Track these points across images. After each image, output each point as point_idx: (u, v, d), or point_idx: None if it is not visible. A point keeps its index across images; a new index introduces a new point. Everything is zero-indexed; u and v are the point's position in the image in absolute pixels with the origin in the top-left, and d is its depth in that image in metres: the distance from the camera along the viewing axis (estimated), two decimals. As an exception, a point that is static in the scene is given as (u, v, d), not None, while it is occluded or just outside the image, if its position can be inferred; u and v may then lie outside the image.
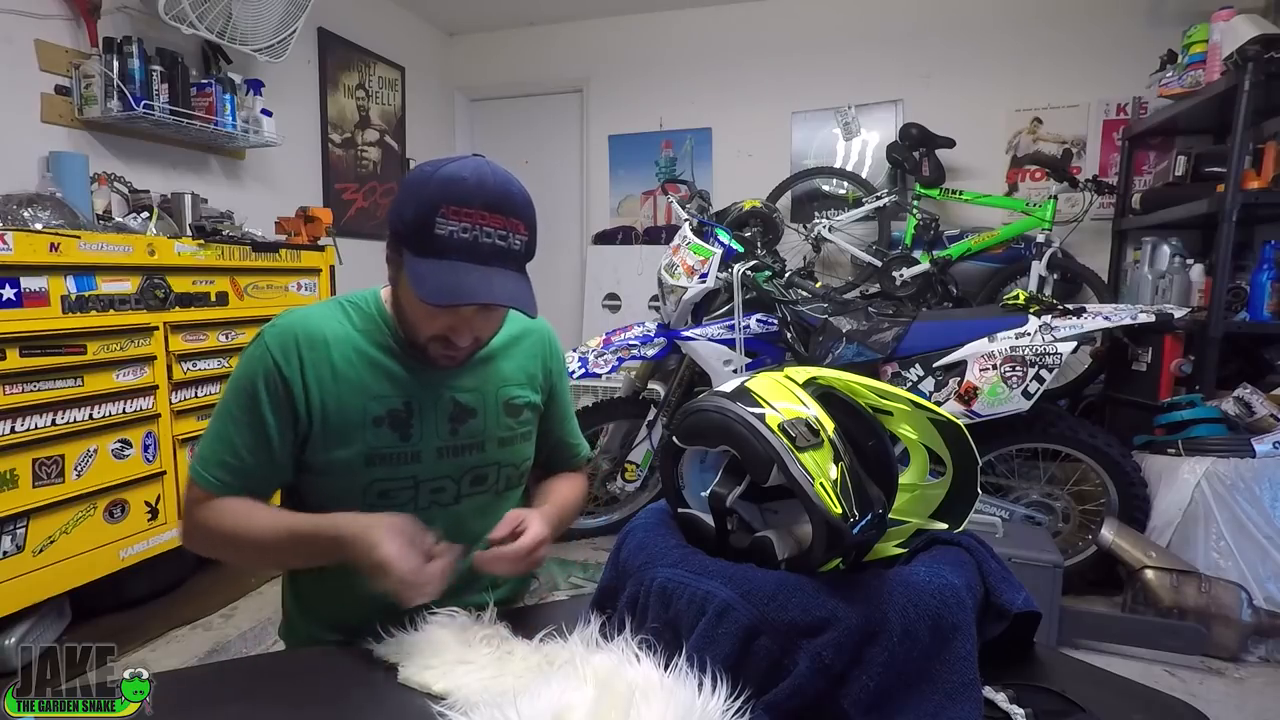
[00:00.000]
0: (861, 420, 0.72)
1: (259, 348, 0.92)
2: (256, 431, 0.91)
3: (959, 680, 0.64)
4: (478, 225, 0.82)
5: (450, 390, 0.97)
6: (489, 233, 0.82)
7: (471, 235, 0.81)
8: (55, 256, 1.76)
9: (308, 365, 0.91)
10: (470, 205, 0.81)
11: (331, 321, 0.95)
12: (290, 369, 0.90)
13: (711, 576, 0.68)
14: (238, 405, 0.91)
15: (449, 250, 0.81)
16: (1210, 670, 1.95)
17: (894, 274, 3.26)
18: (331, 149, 3.54)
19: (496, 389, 1.01)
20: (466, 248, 0.82)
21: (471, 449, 0.98)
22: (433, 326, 0.90)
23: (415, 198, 0.83)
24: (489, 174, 0.83)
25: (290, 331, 0.92)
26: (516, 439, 1.03)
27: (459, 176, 0.82)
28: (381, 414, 0.93)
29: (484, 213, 0.82)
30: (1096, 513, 2.36)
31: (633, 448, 2.74)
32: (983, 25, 3.52)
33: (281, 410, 0.91)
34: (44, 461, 1.78)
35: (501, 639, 0.78)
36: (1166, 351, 2.45)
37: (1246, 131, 2.32)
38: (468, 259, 0.82)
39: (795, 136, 3.85)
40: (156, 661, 1.91)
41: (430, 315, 0.88)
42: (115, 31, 2.39)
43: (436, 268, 0.82)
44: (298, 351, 0.91)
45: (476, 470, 0.99)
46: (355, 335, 0.95)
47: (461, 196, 0.81)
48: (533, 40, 4.23)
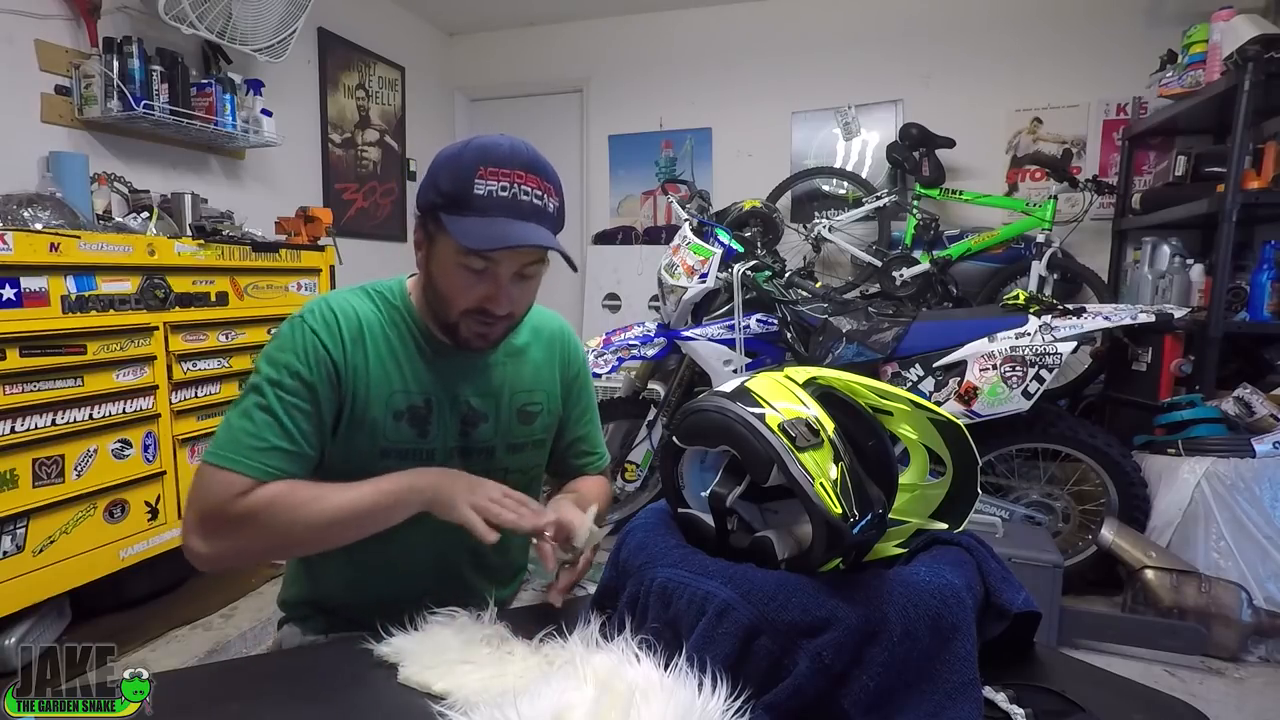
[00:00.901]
0: (861, 420, 0.72)
1: (300, 329, 0.89)
2: (308, 411, 0.87)
3: (959, 680, 0.64)
4: (516, 183, 0.83)
5: (465, 393, 0.96)
6: (527, 191, 0.83)
7: (511, 193, 0.82)
8: (55, 256, 1.76)
9: (348, 346, 0.90)
10: (508, 165, 0.82)
11: (365, 307, 0.94)
12: (334, 345, 0.89)
13: (711, 576, 0.68)
14: (286, 388, 0.86)
15: (490, 208, 0.82)
16: (1210, 670, 1.95)
17: (894, 274, 3.26)
18: (331, 149, 3.54)
19: (511, 394, 1.00)
20: (507, 205, 0.82)
21: (481, 453, 0.98)
22: (470, 297, 0.87)
23: (450, 167, 0.83)
24: (521, 143, 0.85)
25: (330, 312, 0.91)
26: (528, 446, 1.03)
27: (494, 143, 0.84)
28: (403, 408, 0.92)
29: (521, 172, 0.83)
30: (1096, 513, 2.36)
31: (633, 448, 2.74)
32: (983, 25, 3.52)
33: (329, 385, 0.88)
34: (44, 461, 1.78)
35: (501, 639, 0.78)
36: (1166, 351, 2.45)
37: (1246, 131, 2.32)
38: (509, 214, 0.83)
39: (795, 136, 3.85)
40: (156, 661, 1.92)
41: (467, 284, 0.87)
42: (115, 31, 2.39)
43: (479, 222, 0.82)
44: (340, 332, 0.90)
45: (484, 474, 0.97)
46: (385, 325, 0.94)
47: (498, 159, 0.82)
48: (533, 40, 4.23)
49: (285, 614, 1.05)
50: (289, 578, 1.06)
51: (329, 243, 2.70)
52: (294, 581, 1.05)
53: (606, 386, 3.39)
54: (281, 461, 0.85)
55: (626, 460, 2.74)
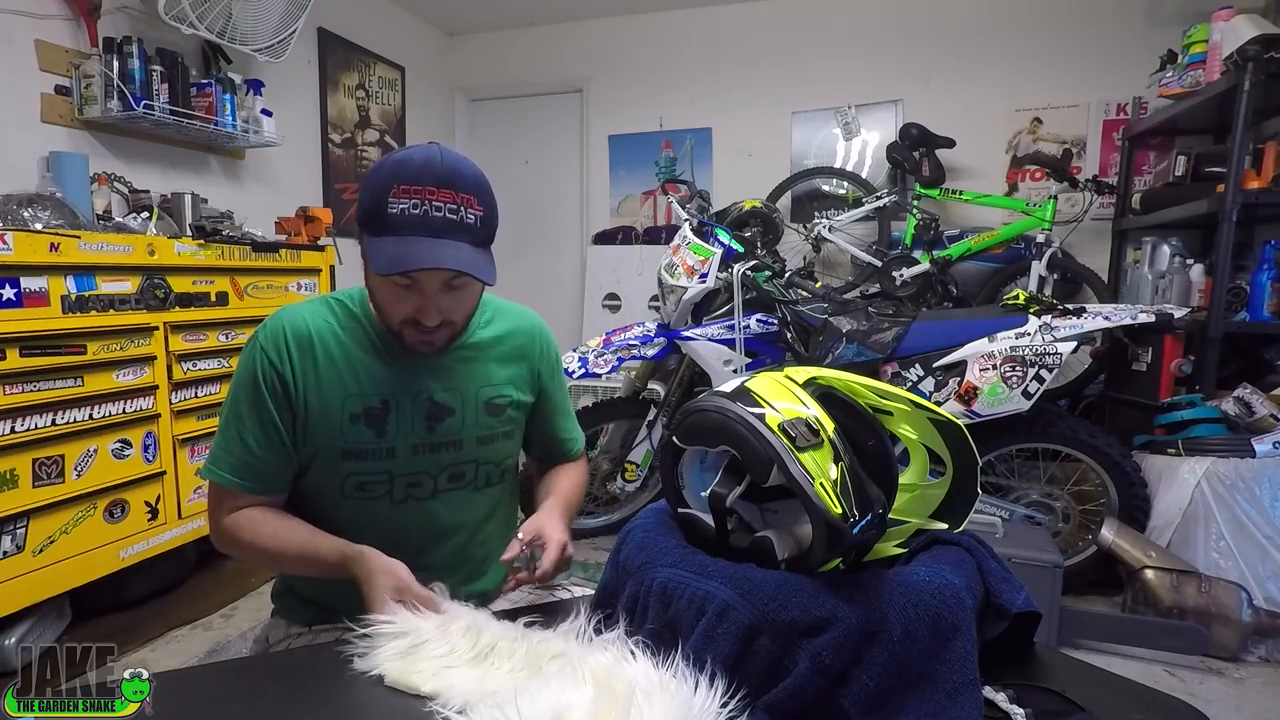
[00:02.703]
0: (861, 420, 0.72)
1: (253, 346, 0.97)
2: (264, 425, 0.94)
3: (959, 680, 0.64)
4: (426, 200, 0.84)
5: (429, 389, 0.99)
6: (439, 207, 0.85)
7: (421, 211, 0.84)
8: (55, 256, 1.76)
9: (295, 360, 0.95)
10: (419, 183, 0.84)
11: (318, 319, 0.98)
12: (281, 363, 0.94)
13: (711, 576, 0.68)
14: (244, 403, 0.95)
15: (402, 227, 0.84)
16: (1210, 670, 1.95)
17: (894, 274, 3.26)
18: (331, 149, 3.54)
19: (477, 388, 1.02)
20: (418, 223, 0.84)
21: (448, 446, 1.00)
22: (401, 309, 0.91)
23: (370, 184, 0.87)
24: (437, 155, 0.86)
25: (279, 328, 0.96)
26: (497, 437, 1.05)
27: (408, 159, 0.86)
28: (359, 411, 0.96)
29: (432, 188, 0.84)
30: (1096, 513, 2.36)
31: (633, 448, 2.74)
32: (983, 25, 3.52)
33: (280, 402, 0.95)
34: (44, 461, 1.78)
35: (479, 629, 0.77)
36: (1166, 351, 2.45)
37: (1246, 131, 2.31)
38: (419, 233, 0.85)
39: (795, 136, 3.85)
40: (156, 661, 1.92)
41: (397, 298, 0.90)
42: (115, 31, 2.39)
43: (390, 243, 0.85)
44: (287, 347, 0.95)
45: (454, 467, 1.01)
46: (339, 332, 0.98)
47: (410, 176, 0.84)
48: (533, 40, 4.23)
49: (274, 605, 1.08)
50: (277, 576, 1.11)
51: (329, 243, 2.70)
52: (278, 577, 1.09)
53: (606, 386, 3.39)
54: (245, 472, 0.95)
55: (626, 460, 2.74)
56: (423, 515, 1.00)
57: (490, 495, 1.07)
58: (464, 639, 0.76)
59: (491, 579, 1.09)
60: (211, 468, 0.95)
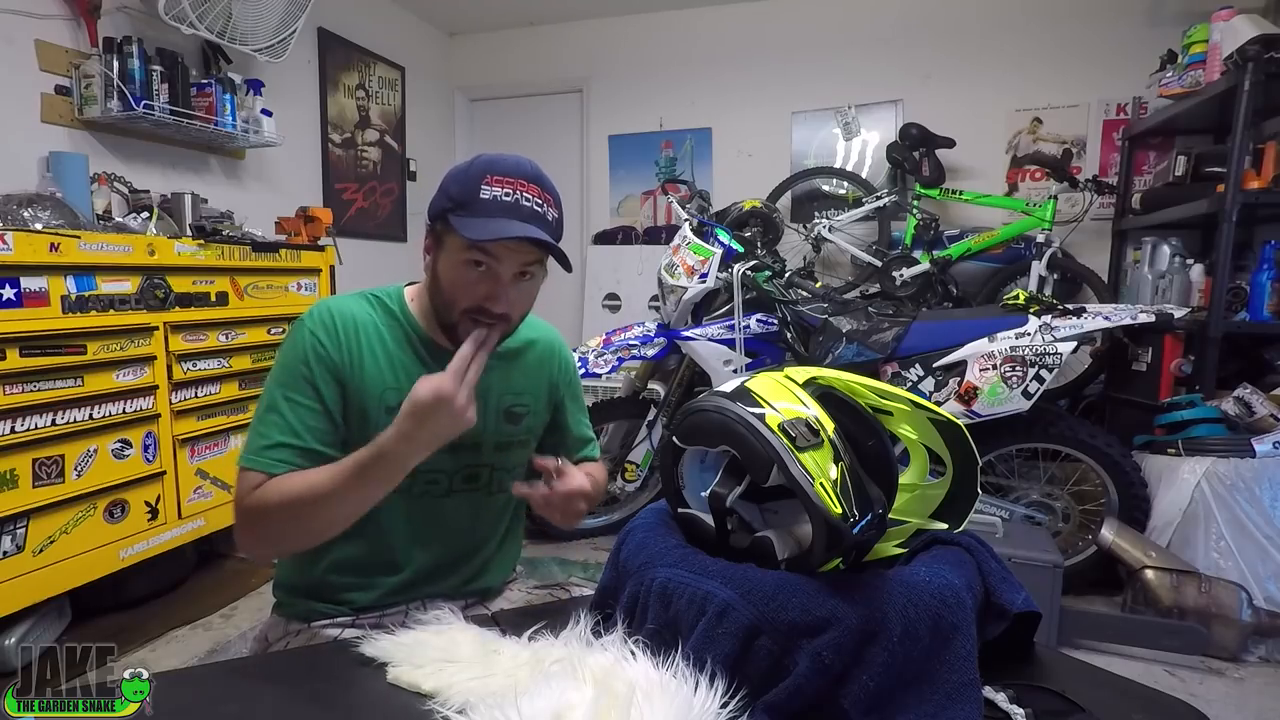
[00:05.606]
0: (861, 420, 0.72)
1: (301, 331, 0.97)
2: (314, 408, 0.94)
3: (959, 680, 0.64)
4: (519, 190, 0.89)
5: None
6: (529, 198, 0.90)
7: (513, 198, 0.89)
8: (55, 256, 1.76)
9: (344, 344, 0.96)
10: (512, 176, 0.90)
11: (361, 310, 1.00)
12: (333, 345, 0.96)
13: (711, 576, 0.68)
14: (291, 389, 0.94)
15: (494, 210, 0.88)
16: (1210, 670, 1.95)
17: (894, 274, 3.26)
18: (331, 149, 3.54)
19: (498, 396, 1.05)
20: (509, 208, 0.88)
21: (467, 449, 1.01)
22: (471, 294, 0.92)
23: (459, 177, 0.91)
24: (526, 160, 0.94)
25: (325, 310, 0.98)
26: (514, 445, 1.07)
27: (500, 158, 0.92)
28: (395, 404, 0.93)
29: (524, 181, 0.90)
30: (1096, 513, 2.36)
31: (633, 448, 2.74)
32: (983, 25, 3.52)
33: (332, 384, 0.95)
34: (44, 461, 1.78)
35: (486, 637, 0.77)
36: (1166, 351, 2.45)
37: (1246, 131, 2.32)
38: (510, 216, 0.88)
39: (795, 136, 3.85)
40: (156, 661, 1.92)
41: (471, 283, 0.91)
42: (115, 31, 2.39)
43: (483, 220, 0.88)
44: (337, 331, 0.97)
45: (470, 468, 1.03)
46: (380, 327, 1.00)
47: (504, 170, 0.90)
48: (533, 40, 4.23)
49: (275, 599, 1.09)
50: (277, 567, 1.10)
51: (329, 243, 2.70)
52: (278, 569, 1.09)
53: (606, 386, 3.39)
54: (288, 455, 0.91)
55: (626, 460, 2.74)
56: (435, 511, 1.02)
57: (500, 500, 1.08)
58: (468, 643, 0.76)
59: (492, 578, 1.11)
60: (251, 457, 0.91)
